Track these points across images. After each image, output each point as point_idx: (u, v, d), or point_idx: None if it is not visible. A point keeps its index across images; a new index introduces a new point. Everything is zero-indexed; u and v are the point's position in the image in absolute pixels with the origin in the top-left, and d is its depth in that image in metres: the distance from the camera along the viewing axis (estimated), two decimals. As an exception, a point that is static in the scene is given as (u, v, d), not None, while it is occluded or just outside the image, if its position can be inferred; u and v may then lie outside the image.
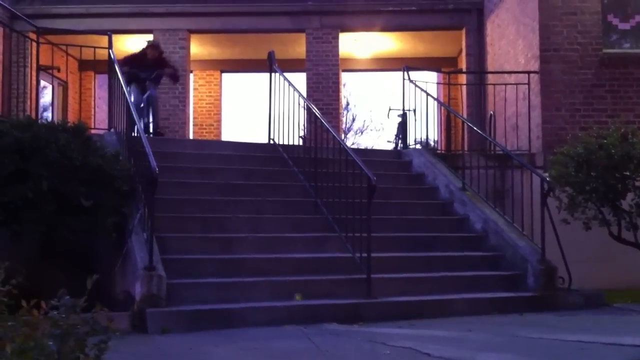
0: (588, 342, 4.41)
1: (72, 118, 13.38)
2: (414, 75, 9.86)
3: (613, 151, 7.10)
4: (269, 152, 8.67)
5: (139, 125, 6.67)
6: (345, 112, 20.35)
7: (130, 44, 14.32)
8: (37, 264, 5.40)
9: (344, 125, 20.33)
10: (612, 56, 9.82)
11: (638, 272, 7.47)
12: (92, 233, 5.69)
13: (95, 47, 8.88)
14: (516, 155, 8.38)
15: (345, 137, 20.56)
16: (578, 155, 7.29)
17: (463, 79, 13.65)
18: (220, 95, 16.48)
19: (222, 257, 6.30)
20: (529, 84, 9.81)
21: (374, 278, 6.02)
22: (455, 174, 8.45)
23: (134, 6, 13.55)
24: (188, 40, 13.87)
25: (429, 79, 10.50)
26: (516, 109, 10.35)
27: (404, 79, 9.79)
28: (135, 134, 6.66)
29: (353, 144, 20.61)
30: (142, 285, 5.33)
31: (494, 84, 10.75)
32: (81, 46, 9.36)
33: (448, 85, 12.34)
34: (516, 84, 10.12)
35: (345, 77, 16.19)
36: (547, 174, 7.30)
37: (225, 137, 15.90)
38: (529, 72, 9.91)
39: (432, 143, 12.77)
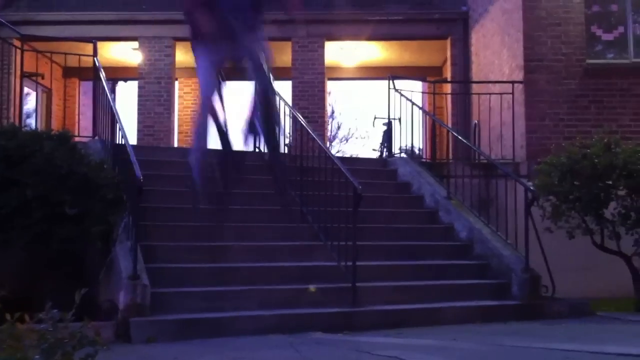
0: (573, 351, 4.42)
1: (56, 125, 13.31)
2: (400, 84, 9.89)
3: (597, 161, 7.17)
4: (255, 160, 8.64)
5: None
6: (330, 120, 20.38)
7: (116, 51, 14.27)
8: (25, 272, 5.35)
9: (329, 133, 20.35)
10: (596, 67, 9.90)
11: (621, 280, 7.51)
12: (78, 241, 5.65)
13: (80, 55, 8.84)
14: (500, 165, 8.42)
15: (330, 145, 20.58)
16: (562, 165, 7.35)
17: (448, 88, 13.71)
18: (206, 103, 16.41)
19: (210, 265, 6.28)
20: (513, 93, 9.86)
21: (360, 287, 6.03)
22: (441, 183, 8.48)
23: (119, 14, 13.50)
24: (174, 48, 13.83)
25: (414, 88, 10.54)
26: (501, 118, 10.40)
27: (389, 87, 9.81)
28: (120, 142, 6.63)
29: (338, 152, 20.62)
30: (126, 294, 5.29)
31: (478, 94, 10.80)
32: (66, 53, 9.32)
33: (433, 94, 12.38)
34: (501, 93, 10.18)
35: (330, 86, 16.21)
36: (531, 183, 7.34)
37: (210, 145, 15.82)
38: (513, 82, 9.98)
39: (417, 151, 12.84)
